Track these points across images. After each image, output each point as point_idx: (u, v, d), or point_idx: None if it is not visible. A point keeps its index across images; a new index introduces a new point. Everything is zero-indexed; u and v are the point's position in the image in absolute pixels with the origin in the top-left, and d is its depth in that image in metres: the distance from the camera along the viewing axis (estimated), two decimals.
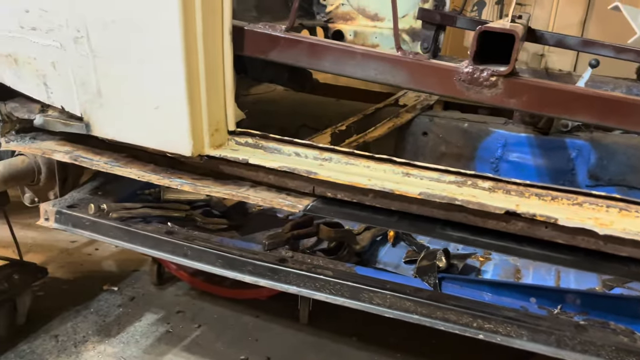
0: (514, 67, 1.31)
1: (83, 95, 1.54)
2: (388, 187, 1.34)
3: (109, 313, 2.59)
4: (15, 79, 1.68)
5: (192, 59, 1.37)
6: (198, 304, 2.71)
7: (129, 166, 1.67)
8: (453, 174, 1.37)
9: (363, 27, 3.35)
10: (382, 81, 1.43)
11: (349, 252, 1.91)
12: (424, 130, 2.40)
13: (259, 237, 1.91)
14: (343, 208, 1.49)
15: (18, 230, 2.55)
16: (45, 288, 2.69)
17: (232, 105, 1.52)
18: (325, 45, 1.48)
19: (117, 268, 3.00)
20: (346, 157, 1.47)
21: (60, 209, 1.85)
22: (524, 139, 2.25)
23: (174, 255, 1.74)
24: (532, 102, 1.33)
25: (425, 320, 1.50)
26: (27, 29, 1.54)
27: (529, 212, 1.23)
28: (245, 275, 1.66)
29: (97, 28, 1.42)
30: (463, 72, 1.34)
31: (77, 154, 1.72)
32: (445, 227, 1.40)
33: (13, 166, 1.86)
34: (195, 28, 1.35)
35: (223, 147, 1.53)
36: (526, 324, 1.41)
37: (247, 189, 1.57)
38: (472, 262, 1.91)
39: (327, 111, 2.61)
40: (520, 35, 1.29)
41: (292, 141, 1.52)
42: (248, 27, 1.50)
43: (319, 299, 1.62)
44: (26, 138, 1.85)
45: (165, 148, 1.51)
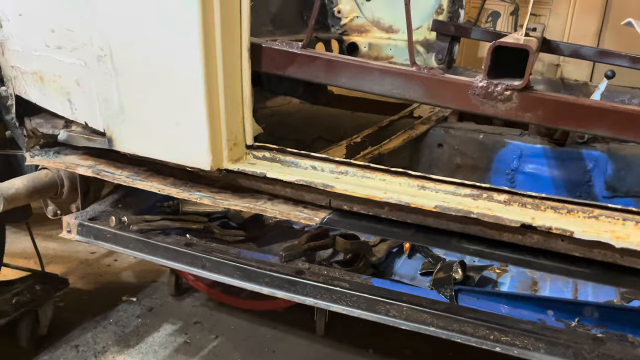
0: (529, 81, 1.32)
1: (106, 111, 1.58)
2: (404, 201, 1.36)
3: (128, 324, 2.63)
4: (41, 95, 1.73)
5: (211, 76, 1.40)
6: (215, 315, 2.74)
7: (149, 180, 1.71)
8: (469, 187, 1.38)
9: (377, 39, 3.38)
10: (399, 96, 1.45)
11: (364, 263, 1.92)
12: (439, 142, 2.40)
13: (275, 248, 1.93)
14: (359, 221, 1.51)
15: (40, 242, 2.61)
16: (66, 299, 2.74)
17: (250, 120, 1.55)
18: (342, 61, 1.50)
19: (136, 279, 3.04)
20: (362, 170, 1.49)
21: (82, 222, 1.90)
22: (540, 151, 2.25)
23: (193, 267, 1.77)
24: (547, 116, 1.34)
25: (441, 333, 1.50)
26: (53, 48, 1.59)
27: (545, 225, 1.23)
28: (262, 287, 1.68)
29: (120, 47, 1.47)
30: (477, 86, 1.36)
31: (99, 168, 1.76)
32: (462, 240, 1.40)
33: (37, 180, 1.91)
34: (215, 46, 1.38)
35: (241, 161, 1.56)
36: (543, 337, 1.41)
37: (265, 202, 1.60)
38: (489, 274, 1.90)
39: (342, 123, 2.63)
40: (534, 50, 1.30)
41: (309, 155, 1.55)
42: (266, 44, 1.54)
43: (335, 310, 1.63)
44: (50, 152, 1.90)
45: (185, 162, 1.55)
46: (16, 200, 1.85)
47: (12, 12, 1.65)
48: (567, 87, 3.01)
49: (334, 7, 3.42)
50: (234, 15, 1.41)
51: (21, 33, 1.67)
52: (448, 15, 3.21)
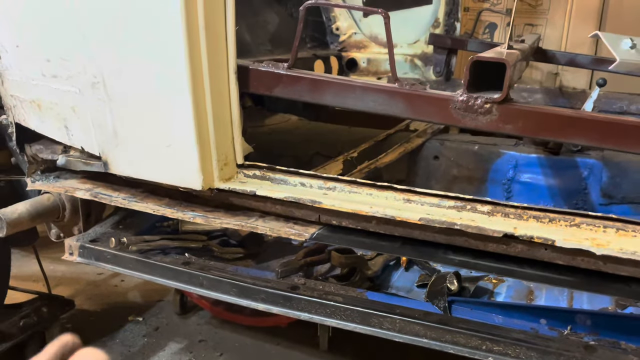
0: (508, 93, 1.35)
1: (100, 136, 1.63)
2: (389, 214, 1.38)
3: (134, 343, 2.66)
4: (39, 122, 1.79)
5: (199, 99, 1.45)
6: (220, 333, 2.76)
7: (145, 201, 1.75)
8: (452, 199, 1.40)
9: (376, 54, 3.43)
10: (381, 112, 1.49)
11: (361, 277, 1.94)
12: (435, 154, 2.42)
13: (273, 265, 1.96)
14: (348, 235, 1.53)
15: (48, 265, 2.66)
16: (73, 320, 2.78)
17: (240, 140, 1.59)
18: (326, 80, 1.54)
19: (142, 299, 3.08)
20: (349, 185, 1.52)
21: (83, 244, 1.94)
22: (535, 160, 2.26)
23: (191, 285, 1.80)
24: (527, 127, 1.36)
25: (434, 344, 1.51)
26: (49, 77, 1.65)
27: (527, 234, 1.25)
28: (258, 303, 1.71)
29: (112, 74, 1.52)
30: (458, 100, 1.39)
31: (97, 191, 1.81)
32: (447, 251, 1.42)
33: (39, 204, 1.96)
34: (202, 70, 1.43)
35: (232, 180, 1.60)
36: (535, 345, 1.42)
37: (256, 219, 1.63)
38: (485, 285, 1.91)
39: (339, 139, 2.67)
40: (512, 63, 1.33)
41: (298, 172, 1.58)
42: (252, 66, 1.58)
43: (330, 325, 1.65)
44: (50, 177, 1.96)
45: (178, 183, 1.59)
46: (19, 225, 1.90)
47: (10, 44, 1.72)
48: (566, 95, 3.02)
49: (332, 24, 3.47)
50: (219, 40, 1.45)
51: (19, 63, 1.73)
52: (444, 29, 3.25)
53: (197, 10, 1.37)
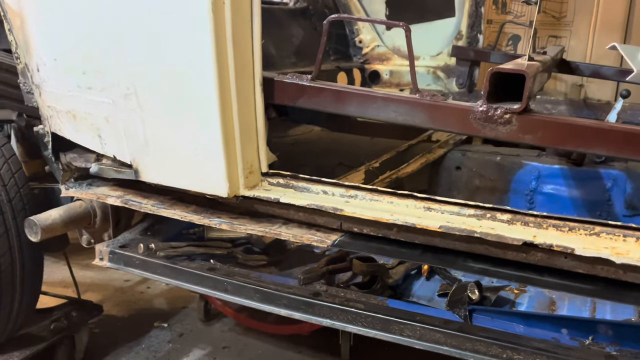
0: (527, 104, 1.37)
1: (132, 145, 1.70)
2: (410, 222, 1.41)
3: (159, 349, 2.72)
4: (74, 132, 1.88)
5: (227, 110, 1.51)
6: (243, 340, 2.80)
7: (173, 208, 1.81)
8: (472, 208, 1.42)
9: (399, 66, 3.46)
10: (402, 122, 1.52)
11: (382, 285, 1.96)
12: (457, 165, 2.44)
13: (296, 272, 1.99)
14: (369, 242, 1.56)
15: (77, 271, 2.74)
16: (101, 325, 2.85)
17: (265, 149, 1.64)
18: (348, 91, 1.59)
19: (167, 305, 3.14)
20: (371, 193, 1.55)
21: (113, 249, 2.01)
22: (558, 171, 2.26)
23: (216, 291, 1.85)
24: (547, 137, 1.38)
25: (454, 352, 1.53)
26: (84, 88, 1.74)
27: (546, 242, 1.26)
28: (281, 309, 1.75)
29: (144, 85, 1.59)
30: (478, 110, 1.41)
31: (127, 198, 1.88)
32: (467, 259, 1.44)
33: (72, 210, 2.04)
34: (229, 82, 1.49)
35: (257, 187, 1.65)
36: (556, 355, 1.42)
37: (280, 226, 1.67)
38: (507, 295, 1.91)
39: (362, 149, 2.70)
40: (531, 75, 1.35)
41: (320, 180, 1.62)
42: (277, 78, 1.64)
43: (351, 331, 1.67)
44: (83, 184, 2.04)
45: (205, 190, 1.65)
46: (53, 230, 1.98)
47: (48, 57, 1.81)
48: (590, 107, 3.01)
49: (355, 37, 3.53)
50: (246, 54, 1.52)
51: (56, 76, 1.82)
52: (467, 41, 3.27)
53: (225, 25, 1.43)
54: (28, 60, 1.91)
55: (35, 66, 1.87)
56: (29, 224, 1.94)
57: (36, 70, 1.87)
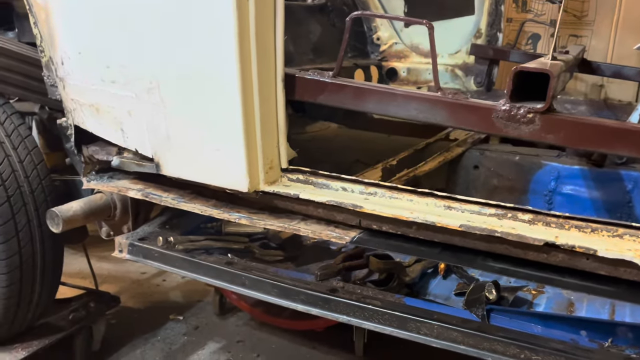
0: (551, 104, 1.36)
1: (154, 139, 1.72)
2: (430, 220, 1.41)
3: (175, 341, 2.75)
4: (97, 125, 1.90)
5: (248, 105, 1.52)
6: (257, 334, 2.82)
7: (193, 202, 1.83)
8: (493, 207, 1.42)
9: (416, 64, 3.45)
10: (423, 120, 1.52)
11: (399, 283, 1.96)
12: (475, 164, 2.42)
13: (312, 268, 2.00)
14: (388, 240, 1.57)
15: (94, 262, 2.78)
16: (118, 316, 2.89)
17: (285, 145, 1.65)
18: (369, 88, 1.59)
19: (183, 298, 3.17)
20: (390, 191, 1.55)
21: (132, 242, 2.04)
22: (578, 172, 2.23)
23: (233, 285, 1.86)
24: (570, 137, 1.37)
25: (471, 351, 1.52)
26: (108, 82, 1.76)
27: (568, 243, 1.25)
28: (298, 304, 1.76)
29: (167, 80, 1.61)
30: (500, 109, 1.41)
31: (148, 191, 1.90)
32: (487, 258, 1.44)
33: (92, 202, 2.07)
34: (251, 78, 1.50)
35: (276, 183, 1.66)
36: (575, 356, 1.41)
37: (298, 221, 1.68)
38: (524, 295, 1.90)
39: (379, 146, 2.70)
40: (555, 74, 1.34)
41: (340, 177, 1.63)
42: (299, 75, 1.64)
43: (368, 328, 1.68)
44: (104, 177, 2.07)
45: (225, 185, 1.66)
46: (74, 222, 2.01)
47: (73, 51, 1.83)
48: (611, 107, 2.98)
49: (373, 34, 3.52)
50: (268, 50, 1.52)
51: (80, 69, 1.84)
52: (486, 39, 3.25)
53: (249, 21, 1.44)
54: (52, 53, 1.93)
55: (59, 59, 1.89)
56: (51, 215, 1.97)
57: (60, 63, 1.89)
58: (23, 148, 2.12)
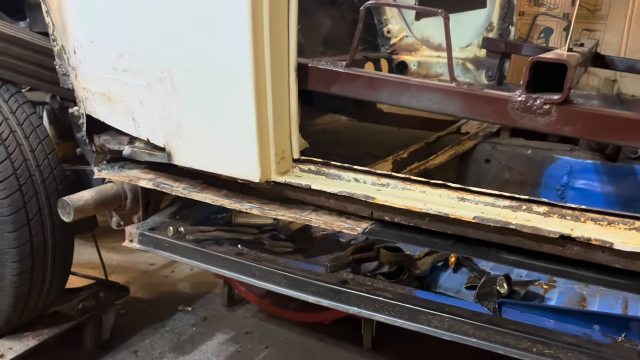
0: (568, 95, 1.34)
1: (165, 129, 1.72)
2: (443, 212, 1.40)
3: (183, 332, 2.76)
4: (109, 114, 1.90)
5: (261, 95, 1.51)
6: (265, 326, 2.82)
7: (204, 192, 1.83)
8: (508, 199, 1.40)
9: (427, 57, 3.43)
10: (437, 111, 1.51)
11: (409, 276, 1.95)
12: (487, 158, 2.41)
13: (322, 260, 2.00)
14: (400, 231, 1.56)
15: (104, 253, 2.80)
16: (127, 306, 2.90)
17: (297, 135, 1.64)
18: (382, 78, 1.58)
19: (191, 290, 3.18)
20: (403, 182, 1.54)
21: (142, 232, 2.04)
22: (591, 166, 2.21)
23: (243, 275, 1.86)
24: (586, 129, 1.35)
25: (483, 344, 1.51)
26: (120, 71, 1.75)
27: (584, 236, 1.24)
28: (308, 295, 1.75)
29: (179, 69, 1.60)
30: (516, 100, 1.39)
31: (159, 181, 1.90)
32: (501, 250, 1.43)
33: (103, 192, 2.07)
34: (264, 67, 1.49)
35: (288, 173, 1.65)
36: (588, 350, 1.40)
37: (310, 212, 1.67)
38: (535, 290, 1.89)
39: (389, 139, 2.68)
40: (572, 65, 1.33)
41: (352, 168, 1.62)
42: (312, 64, 1.63)
43: (378, 320, 1.67)
44: (115, 167, 2.07)
45: (236, 175, 1.66)
46: (85, 211, 2.02)
47: (85, 40, 1.83)
48: (624, 102, 2.95)
49: (383, 27, 3.50)
50: (282, 40, 1.51)
51: (92, 58, 1.84)
52: (498, 33, 3.22)
53: (262, 10, 1.43)
54: (65, 42, 1.93)
55: (72, 48, 1.89)
56: (62, 204, 1.98)
57: (73, 52, 1.89)
58: (34, 137, 2.12)
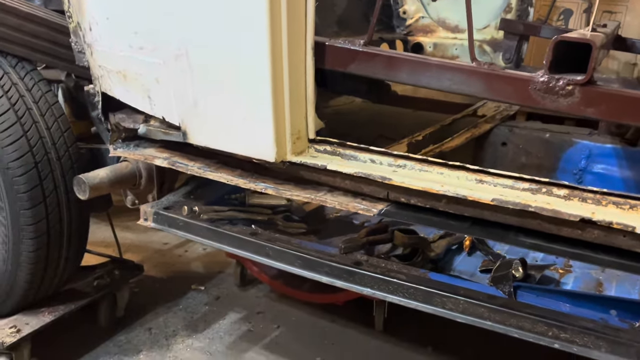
0: (592, 76, 1.31)
1: (181, 107, 1.71)
2: (461, 194, 1.38)
3: (196, 310, 2.78)
4: (124, 92, 1.89)
5: (277, 73, 1.49)
6: (277, 306, 2.84)
7: (219, 171, 1.82)
8: (527, 182, 1.38)
9: (443, 39, 3.37)
10: (457, 91, 1.48)
11: (423, 258, 1.94)
12: (503, 141, 2.37)
13: (335, 241, 1.99)
14: (416, 213, 1.54)
15: (118, 232, 2.82)
16: (141, 285, 2.93)
17: (313, 115, 1.62)
18: (402, 57, 1.55)
19: (204, 269, 3.20)
20: (420, 164, 1.52)
21: (157, 210, 2.04)
22: (610, 150, 2.17)
23: (257, 255, 1.86)
24: (610, 110, 1.32)
25: (498, 327, 1.51)
26: (135, 48, 1.74)
27: (605, 220, 1.22)
28: (322, 276, 1.75)
29: (195, 46, 1.59)
30: (538, 81, 1.36)
31: (174, 160, 1.90)
32: (519, 233, 1.41)
33: (118, 171, 2.08)
34: (281, 46, 1.47)
35: (303, 154, 1.64)
36: (605, 335, 1.39)
37: (325, 193, 1.66)
38: (551, 274, 1.88)
39: (404, 122, 2.66)
40: (598, 45, 1.29)
41: (368, 149, 1.60)
42: (329, 43, 1.61)
43: (392, 301, 1.67)
44: (131, 145, 2.07)
45: (252, 154, 1.65)
46: (100, 189, 2.03)
47: (100, 16, 1.82)
48: None
49: (399, 8, 3.44)
50: (299, 17, 1.49)
51: (108, 35, 1.83)
52: (516, 14, 3.15)
53: None
54: (80, 19, 1.92)
55: (87, 25, 1.88)
56: (78, 182, 1.99)
57: (88, 29, 1.88)
58: (50, 115, 2.13)
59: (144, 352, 2.45)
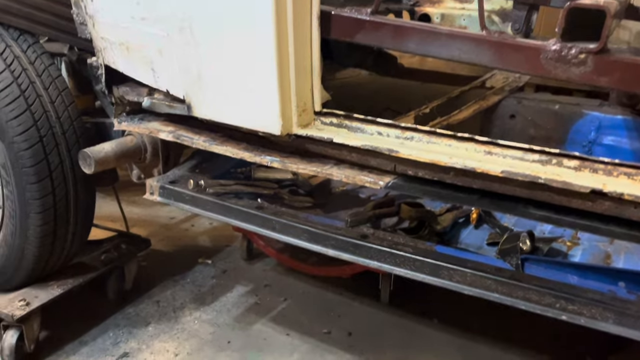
0: (605, 44, 1.28)
1: (185, 79, 1.69)
2: (469, 166, 1.37)
3: (203, 284, 2.80)
4: (127, 65, 1.87)
5: (282, 44, 1.46)
6: (284, 279, 2.86)
7: (224, 145, 1.81)
8: (537, 153, 1.36)
9: (451, 9, 3.30)
10: (467, 60, 1.45)
11: (429, 232, 1.94)
12: (512, 113, 2.34)
13: (342, 215, 1.99)
14: (424, 186, 1.53)
15: (124, 206, 2.83)
16: (148, 259, 2.95)
17: (319, 87, 1.60)
18: (410, 26, 1.51)
19: (211, 243, 3.22)
20: (428, 136, 1.50)
21: (163, 185, 2.04)
22: (620, 122, 2.14)
23: (264, 229, 1.86)
24: (624, 80, 1.29)
25: (505, 299, 1.50)
26: (138, 19, 1.71)
27: (617, 191, 1.20)
28: (328, 249, 1.75)
29: (199, 17, 1.56)
30: (550, 49, 1.33)
31: (179, 133, 1.88)
32: (528, 205, 1.39)
33: (123, 145, 2.07)
34: (286, 15, 1.44)
35: (310, 126, 1.62)
36: (613, 307, 1.38)
37: (331, 166, 1.65)
38: (559, 246, 1.87)
39: (411, 94, 2.62)
40: (612, 12, 1.25)
41: (375, 121, 1.58)
42: (335, 12, 1.57)
43: (398, 274, 1.67)
44: (135, 119, 2.05)
45: (257, 127, 1.63)
46: (105, 163, 2.02)
47: None
48: None
49: None
50: None
51: (110, 6, 1.80)
52: None
53: None
54: None
55: None
56: (83, 156, 1.98)
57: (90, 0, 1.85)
58: (54, 89, 2.11)
59: (152, 324, 2.48)
